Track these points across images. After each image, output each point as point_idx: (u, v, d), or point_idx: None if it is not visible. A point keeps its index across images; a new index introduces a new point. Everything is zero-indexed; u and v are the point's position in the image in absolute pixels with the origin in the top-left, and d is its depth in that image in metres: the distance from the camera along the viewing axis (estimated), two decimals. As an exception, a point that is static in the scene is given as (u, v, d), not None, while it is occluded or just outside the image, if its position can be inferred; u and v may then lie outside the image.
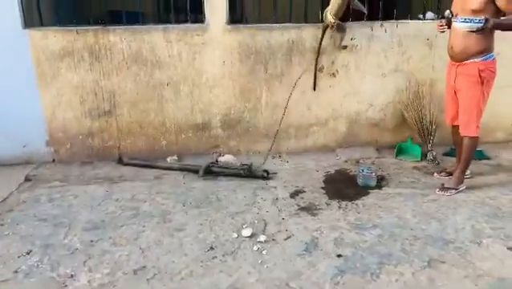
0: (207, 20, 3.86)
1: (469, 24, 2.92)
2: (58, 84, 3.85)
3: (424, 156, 3.99)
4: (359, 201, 3.18)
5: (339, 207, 3.10)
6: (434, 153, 3.94)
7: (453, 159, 3.94)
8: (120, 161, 4.00)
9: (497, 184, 3.45)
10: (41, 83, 3.83)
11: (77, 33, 3.76)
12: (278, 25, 3.94)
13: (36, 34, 3.73)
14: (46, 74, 3.82)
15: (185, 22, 4.01)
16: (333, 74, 4.07)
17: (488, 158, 3.98)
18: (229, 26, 3.89)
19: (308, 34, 3.94)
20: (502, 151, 4.15)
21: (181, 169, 3.80)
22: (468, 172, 3.46)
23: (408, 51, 4.07)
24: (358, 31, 3.97)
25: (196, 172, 3.69)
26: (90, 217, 3.00)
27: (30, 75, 3.79)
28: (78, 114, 3.95)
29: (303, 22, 4.00)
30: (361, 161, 3.95)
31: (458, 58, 3.14)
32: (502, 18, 2.97)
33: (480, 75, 3.07)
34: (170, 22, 4.01)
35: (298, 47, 3.96)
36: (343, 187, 3.44)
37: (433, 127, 4.03)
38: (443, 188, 3.29)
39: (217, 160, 3.89)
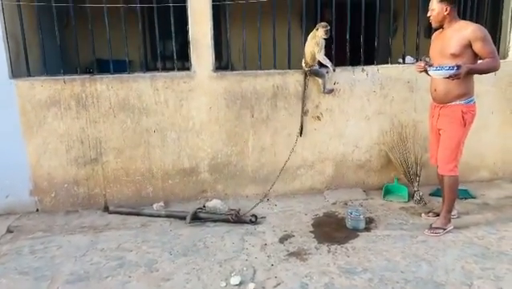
0: (193, 67, 3.95)
1: (441, 72, 3.01)
2: (44, 133, 3.84)
3: (411, 196, 4.01)
4: (348, 245, 3.15)
5: (329, 251, 3.07)
6: (421, 194, 3.96)
7: (440, 199, 3.97)
8: (106, 209, 3.94)
9: (485, 223, 3.46)
10: (26, 132, 3.82)
11: (64, 82, 3.80)
12: (262, 71, 4.04)
13: (23, 84, 3.77)
14: (32, 123, 3.82)
15: (172, 69, 4.09)
16: (318, 117, 4.14)
17: (474, 197, 4.02)
18: (215, 74, 3.97)
19: (292, 79, 4.04)
20: (487, 189, 4.20)
21: (168, 216, 3.75)
22: (454, 212, 3.48)
23: (390, 94, 4.18)
24: (340, 76, 4.09)
25: (183, 218, 3.64)
26: (73, 269, 2.91)
27: (16, 124, 3.78)
28: (63, 162, 3.92)
29: (287, 68, 4.10)
30: (349, 203, 3.95)
31: (441, 100, 3.23)
32: (479, 62, 3.10)
33: (463, 117, 3.15)
34: (157, 70, 4.09)
35: (283, 92, 4.05)
36: (332, 230, 3.42)
37: (419, 167, 4.08)
38: (431, 228, 3.29)
39: (204, 206, 3.85)
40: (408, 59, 4.35)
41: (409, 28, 4.19)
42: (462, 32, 3.06)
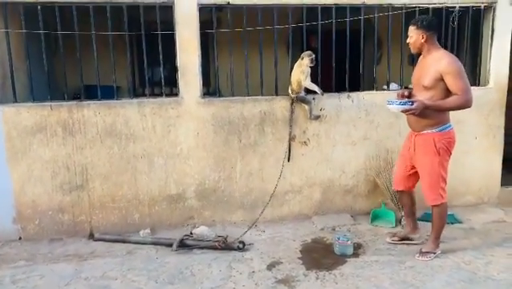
0: (181, 94, 3.97)
1: (394, 106, 3.03)
2: (29, 159, 3.80)
3: (398, 221, 4.03)
4: (336, 271, 3.14)
5: (317, 278, 3.05)
6: (408, 218, 3.98)
7: (427, 224, 3.98)
8: (91, 237, 3.88)
9: (471, 248, 3.48)
10: (11, 159, 3.78)
11: (51, 108, 3.79)
12: (250, 97, 4.08)
13: (9, 110, 3.74)
14: (17, 149, 3.78)
15: (160, 95, 4.12)
16: (305, 142, 4.17)
17: (460, 222, 4.05)
18: (202, 100, 4.00)
19: (279, 105, 4.09)
20: (473, 214, 4.23)
21: (154, 243, 3.70)
22: (419, 238, 3.53)
23: (376, 120, 4.25)
24: (327, 102, 4.15)
25: (169, 245, 3.59)
26: (56, 299, 2.84)
27: (1, 151, 3.74)
28: (48, 189, 3.86)
29: (274, 94, 4.15)
30: (337, 229, 3.94)
31: (415, 128, 3.24)
32: (448, 99, 3.04)
33: (435, 146, 3.11)
34: (145, 96, 4.11)
35: (270, 118, 4.09)
36: (321, 256, 3.40)
37: (405, 192, 4.10)
38: (421, 253, 3.29)
39: (191, 233, 3.81)
40: (393, 85, 4.45)
41: (393, 55, 4.29)
42: (437, 64, 3.03)
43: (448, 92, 3.06)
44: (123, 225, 3.99)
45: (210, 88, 5.68)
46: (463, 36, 4.43)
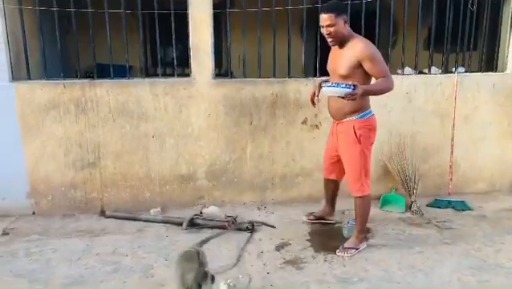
0: (193, 74, 3.96)
1: (335, 89, 2.79)
2: (42, 136, 3.84)
3: (408, 207, 4.01)
4: (344, 254, 3.14)
5: (325, 260, 3.06)
6: (418, 204, 3.97)
7: (437, 210, 3.99)
8: (103, 214, 3.93)
9: (482, 235, 3.46)
10: (25, 135, 3.82)
11: (64, 86, 3.81)
12: (262, 79, 4.06)
13: (23, 87, 3.78)
14: (31, 126, 3.82)
15: (172, 75, 4.11)
16: (316, 126, 4.15)
17: (471, 209, 4.01)
18: (214, 81, 3.99)
19: (291, 87, 4.06)
20: (485, 202, 4.19)
21: (165, 222, 3.74)
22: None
23: (389, 104, 4.19)
24: (340, 85, 4.10)
25: (179, 224, 3.63)
26: (68, 273, 2.90)
27: (15, 127, 3.78)
28: (61, 166, 3.92)
29: (287, 76, 4.12)
30: (346, 212, 3.94)
31: (336, 116, 3.14)
32: (373, 83, 2.96)
33: (355, 133, 3.02)
34: (157, 76, 4.10)
35: (282, 100, 4.06)
36: (329, 239, 3.41)
37: (416, 178, 4.08)
38: (343, 249, 3.14)
39: (201, 212, 3.84)
40: (407, 69, 4.38)
41: (409, 39, 4.22)
42: (352, 51, 2.90)
43: (366, 79, 2.95)
44: (134, 203, 4.04)
45: (222, 69, 5.66)
46: (481, 22, 4.33)
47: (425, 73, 4.35)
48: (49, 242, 3.38)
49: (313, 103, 3.29)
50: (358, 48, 2.88)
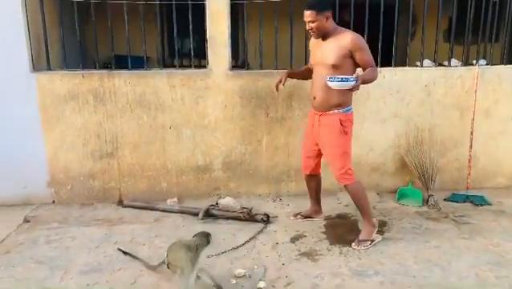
0: (210, 65, 3.97)
1: (345, 83, 2.83)
2: (61, 126, 3.91)
3: (425, 201, 3.97)
4: (360, 247, 3.14)
5: (341, 253, 3.06)
6: (435, 198, 3.92)
7: (455, 204, 3.94)
8: (120, 203, 4.00)
9: (500, 230, 3.41)
10: (45, 125, 3.90)
11: (83, 76, 3.86)
12: (278, 71, 4.03)
13: (43, 77, 3.84)
14: (51, 116, 3.89)
15: (189, 67, 4.13)
16: (333, 118, 4.12)
17: (490, 204, 3.95)
18: (231, 72, 3.99)
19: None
20: (504, 197, 4.11)
21: (181, 212, 3.79)
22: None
23: (407, 97, 4.14)
24: (357, 77, 4.06)
25: (195, 214, 3.67)
26: (87, 260, 2.96)
27: (35, 117, 3.86)
28: (80, 155, 3.98)
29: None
30: (362, 206, 3.92)
31: (320, 108, 3.14)
32: (364, 72, 3.01)
33: (342, 125, 3.07)
34: (174, 67, 4.12)
35: (298, 92, 4.04)
36: (345, 232, 3.41)
37: (434, 172, 4.03)
38: (358, 241, 3.15)
39: (217, 203, 3.87)
40: (427, 62, 4.31)
41: (428, 31, 4.14)
42: (341, 42, 2.97)
43: (353, 69, 3.04)
44: (151, 193, 4.09)
45: (239, 60, 5.65)
46: (504, 11, 4.23)
47: (445, 65, 4.27)
48: (68, 230, 3.45)
49: (277, 89, 3.39)
50: (349, 39, 2.97)
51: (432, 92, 4.15)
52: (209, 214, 3.65)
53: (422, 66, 4.27)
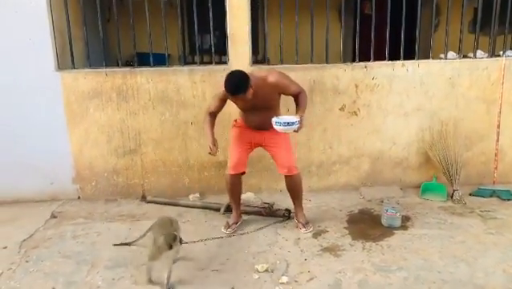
0: (231, 61, 3.97)
1: (291, 127, 2.98)
2: (86, 123, 3.99)
3: (449, 195, 3.90)
4: (383, 242, 3.11)
5: (363, 248, 3.04)
6: (460, 193, 3.85)
7: (481, 199, 3.86)
8: (144, 199, 4.06)
9: (529, 226, 3.32)
10: (70, 122, 3.98)
11: (106, 74, 3.92)
12: (299, 65, 4.02)
13: (68, 75, 3.92)
14: (76, 113, 3.97)
15: (210, 63, 4.14)
16: (354, 112, 4.08)
17: (517, 199, 3.86)
18: (252, 67, 3.98)
19: (329, 73, 4.00)
20: (532, 191, 4.01)
21: (203, 207, 3.82)
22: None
23: (431, 90, 4.07)
24: (379, 71, 4.01)
25: (217, 210, 3.70)
26: (112, 255, 3.02)
27: (60, 115, 3.95)
28: (104, 152, 4.06)
29: (324, 62, 4.06)
30: (385, 201, 3.87)
31: (263, 127, 3.22)
32: (300, 107, 3.12)
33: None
34: (195, 64, 4.15)
35: (319, 87, 4.02)
36: (367, 227, 3.38)
37: (459, 166, 3.95)
38: (305, 225, 3.34)
39: (238, 199, 3.89)
40: (451, 54, 4.21)
41: (452, 23, 4.05)
42: (267, 87, 3.05)
43: (279, 100, 3.23)
44: (173, 189, 4.13)
45: (259, 56, 5.64)
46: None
47: (470, 57, 4.17)
48: (94, 226, 3.52)
49: (214, 155, 3.32)
50: (273, 81, 3.06)
51: (457, 85, 4.06)
52: (230, 209, 3.66)
53: (446, 58, 4.18)
